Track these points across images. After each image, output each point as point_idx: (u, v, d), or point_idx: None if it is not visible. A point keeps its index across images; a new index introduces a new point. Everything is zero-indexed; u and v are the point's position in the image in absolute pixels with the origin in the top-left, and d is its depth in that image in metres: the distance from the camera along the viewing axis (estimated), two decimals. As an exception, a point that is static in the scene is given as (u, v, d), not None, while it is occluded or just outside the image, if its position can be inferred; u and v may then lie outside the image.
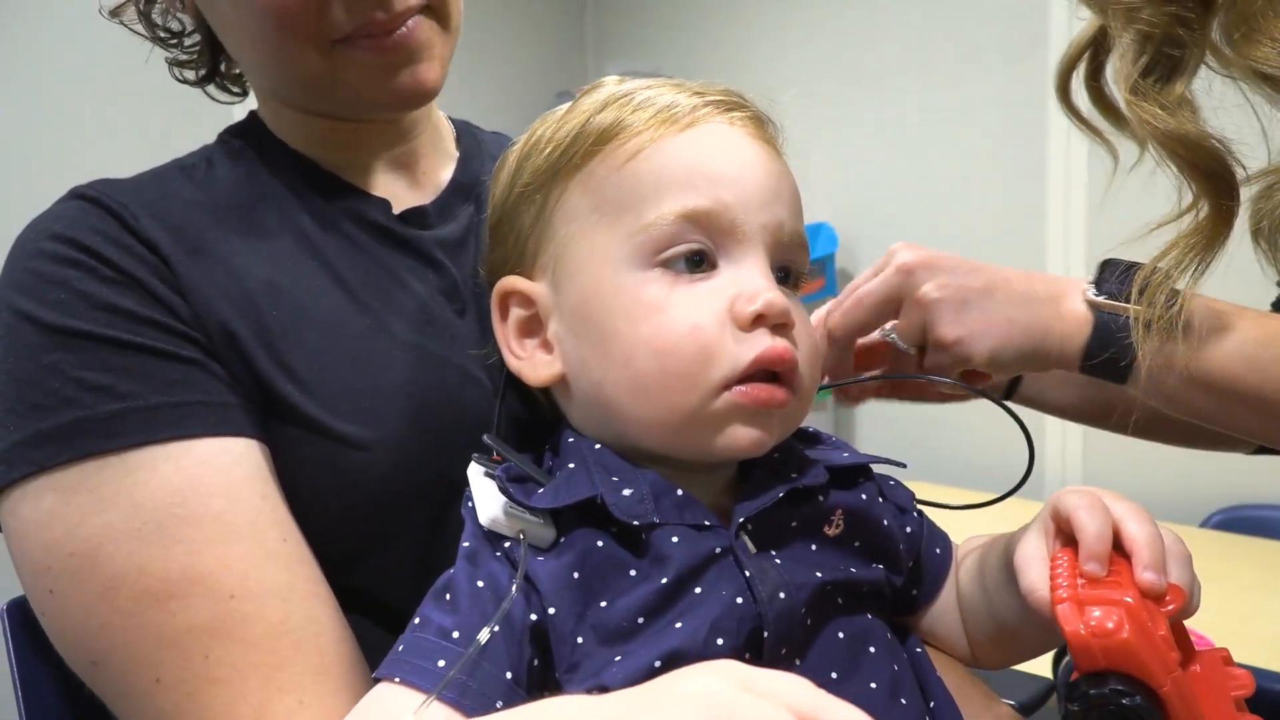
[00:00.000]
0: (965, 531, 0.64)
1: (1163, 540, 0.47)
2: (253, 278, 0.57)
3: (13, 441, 0.51)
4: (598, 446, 0.54)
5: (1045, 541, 0.51)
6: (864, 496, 0.57)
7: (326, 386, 0.56)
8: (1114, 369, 0.63)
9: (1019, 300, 0.65)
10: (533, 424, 0.60)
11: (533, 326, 0.56)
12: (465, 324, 0.63)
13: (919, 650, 0.59)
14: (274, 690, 0.49)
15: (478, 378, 0.61)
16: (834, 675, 0.51)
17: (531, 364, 0.56)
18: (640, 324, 0.51)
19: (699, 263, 0.52)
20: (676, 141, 0.53)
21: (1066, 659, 0.79)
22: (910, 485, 0.66)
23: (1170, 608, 0.44)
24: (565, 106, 0.58)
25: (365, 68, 0.59)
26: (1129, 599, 0.43)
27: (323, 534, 0.55)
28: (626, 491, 0.50)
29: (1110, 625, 0.42)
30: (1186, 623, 0.48)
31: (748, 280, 0.52)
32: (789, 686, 0.35)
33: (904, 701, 0.52)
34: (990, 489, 0.70)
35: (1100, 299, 0.63)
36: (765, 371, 0.51)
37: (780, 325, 0.52)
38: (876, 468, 0.63)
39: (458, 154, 0.72)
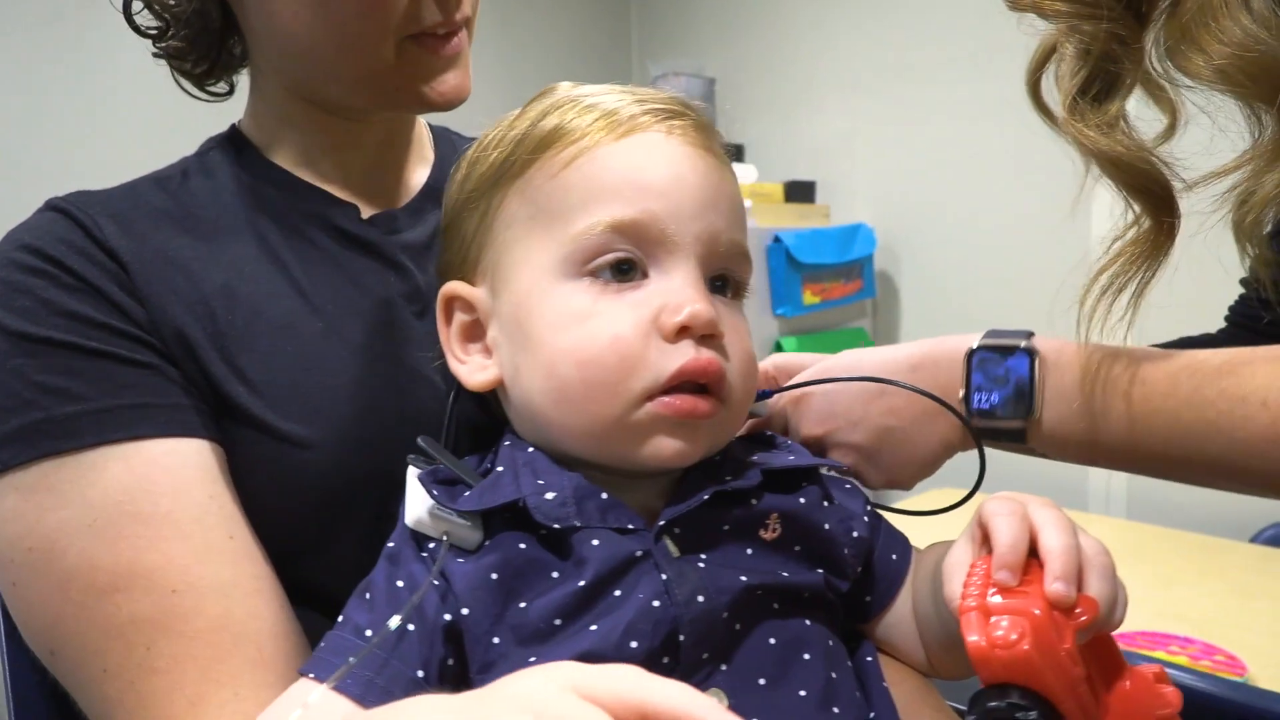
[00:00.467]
0: (946, 536, 0.63)
1: (1079, 550, 0.46)
2: (210, 283, 0.59)
3: None
4: (531, 450, 0.54)
5: (971, 549, 0.50)
6: (803, 500, 0.56)
7: (275, 388, 0.58)
8: (1012, 442, 0.64)
9: (913, 426, 0.65)
10: (486, 426, 0.61)
11: (475, 331, 0.57)
12: (424, 326, 0.64)
13: (869, 659, 0.58)
14: (211, 682, 0.51)
15: (431, 379, 0.62)
16: (761, 681, 0.50)
17: (471, 368, 0.57)
18: (563, 333, 0.52)
19: (627, 272, 0.52)
20: (611, 150, 0.54)
21: None
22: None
23: (1082, 620, 0.43)
24: (516, 111, 0.59)
25: (424, 65, 0.62)
26: (1037, 610, 0.42)
27: (273, 530, 0.57)
28: (550, 495, 0.51)
29: (1013, 637, 0.41)
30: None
31: (676, 291, 0.52)
32: (615, 682, 0.35)
33: (836, 710, 0.51)
34: (988, 490, 0.69)
35: (972, 415, 0.63)
36: (692, 382, 0.51)
37: (708, 336, 0.52)
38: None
39: (433, 158, 0.74)
